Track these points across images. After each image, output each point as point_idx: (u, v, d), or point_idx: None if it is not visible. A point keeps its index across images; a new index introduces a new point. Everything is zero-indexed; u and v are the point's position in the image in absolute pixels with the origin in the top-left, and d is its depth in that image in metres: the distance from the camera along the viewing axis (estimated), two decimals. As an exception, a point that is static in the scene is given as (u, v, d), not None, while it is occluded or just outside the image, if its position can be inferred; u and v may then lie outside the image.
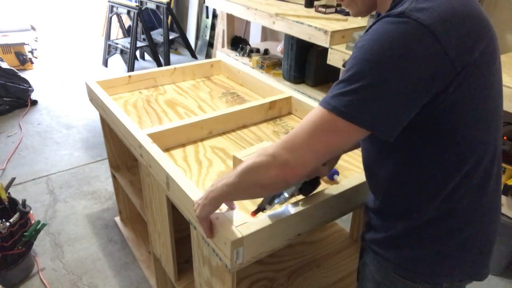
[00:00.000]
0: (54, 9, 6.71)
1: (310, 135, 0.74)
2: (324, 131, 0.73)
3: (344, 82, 0.71)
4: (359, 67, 0.69)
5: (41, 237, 2.14)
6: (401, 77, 0.67)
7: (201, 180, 1.27)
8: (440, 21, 0.67)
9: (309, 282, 1.42)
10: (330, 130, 0.72)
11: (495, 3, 2.14)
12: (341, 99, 0.70)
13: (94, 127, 3.36)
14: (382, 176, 0.87)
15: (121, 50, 4.58)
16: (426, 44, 0.66)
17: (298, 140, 0.75)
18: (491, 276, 2.02)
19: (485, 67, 0.74)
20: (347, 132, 0.72)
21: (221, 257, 0.98)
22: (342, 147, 0.76)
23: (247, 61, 3.31)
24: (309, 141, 0.74)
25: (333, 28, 2.25)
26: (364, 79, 0.68)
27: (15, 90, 3.58)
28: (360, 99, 0.69)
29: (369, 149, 0.90)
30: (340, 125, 0.71)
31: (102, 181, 2.68)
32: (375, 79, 0.68)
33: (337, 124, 0.71)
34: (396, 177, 0.84)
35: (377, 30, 0.70)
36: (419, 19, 0.66)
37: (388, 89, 0.68)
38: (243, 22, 4.33)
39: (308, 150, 0.74)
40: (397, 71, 0.67)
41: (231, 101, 1.85)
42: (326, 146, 0.74)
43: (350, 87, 0.69)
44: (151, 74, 1.95)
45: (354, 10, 0.88)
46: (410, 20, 0.67)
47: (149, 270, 1.94)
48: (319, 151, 0.74)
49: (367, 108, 0.69)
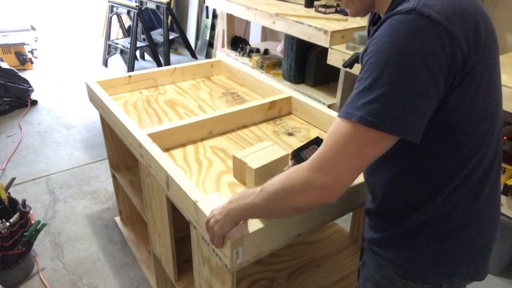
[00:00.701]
0: (54, 9, 6.70)
1: (343, 152, 0.71)
2: (357, 144, 0.70)
3: (366, 90, 0.69)
4: (378, 72, 0.67)
5: (41, 237, 2.14)
6: (421, 75, 0.66)
7: (201, 180, 1.27)
8: (452, 17, 0.67)
9: (309, 282, 1.42)
10: (364, 142, 0.70)
11: (495, 3, 2.14)
12: (367, 109, 0.67)
13: (94, 127, 3.36)
14: (382, 179, 0.86)
15: (121, 50, 4.58)
16: (441, 40, 0.66)
17: (332, 159, 0.71)
18: (491, 276, 2.01)
19: (491, 66, 0.74)
20: (380, 142, 0.70)
21: (221, 257, 0.98)
22: (377, 157, 0.73)
23: (247, 61, 3.31)
24: (343, 159, 0.71)
25: (333, 28, 2.25)
26: (385, 84, 0.67)
27: (15, 90, 3.58)
28: (386, 106, 0.67)
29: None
30: (373, 136, 0.68)
31: (102, 181, 2.68)
32: (396, 83, 0.66)
33: (369, 135, 0.68)
34: (396, 180, 0.84)
35: (389, 29, 0.68)
36: (432, 16, 0.66)
37: (411, 91, 0.66)
38: (243, 22, 4.33)
39: (344, 168, 0.71)
40: (416, 70, 0.66)
41: (231, 101, 1.85)
42: (362, 160, 0.72)
43: (373, 95, 0.67)
44: (151, 74, 1.95)
45: (351, 10, 0.87)
46: (422, 17, 0.66)
47: (149, 270, 1.94)
48: (356, 167, 0.72)
49: (395, 114, 0.67)
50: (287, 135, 1.55)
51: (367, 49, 0.73)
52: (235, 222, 0.89)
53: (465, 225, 0.83)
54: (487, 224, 0.86)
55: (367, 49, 0.72)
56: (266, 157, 1.23)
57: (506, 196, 1.78)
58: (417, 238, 0.84)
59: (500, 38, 2.16)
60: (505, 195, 1.78)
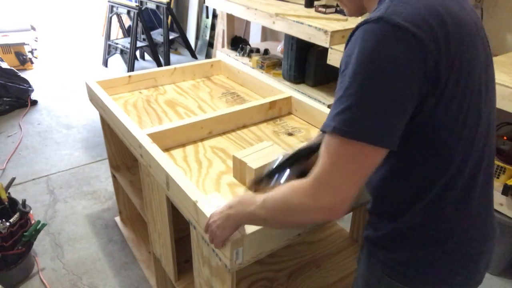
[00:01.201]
0: (54, 9, 6.70)
1: (340, 168, 0.70)
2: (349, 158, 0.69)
3: (340, 99, 0.69)
4: (350, 81, 0.68)
5: (41, 237, 2.14)
6: (391, 82, 0.66)
7: (201, 180, 1.27)
8: (419, 23, 0.66)
9: (309, 282, 1.42)
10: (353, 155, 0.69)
11: (495, 3, 2.14)
12: (340, 118, 0.68)
13: (94, 127, 3.36)
14: (374, 181, 0.87)
15: (121, 50, 4.58)
16: (409, 45, 0.66)
17: (335, 177, 0.70)
18: (491, 276, 2.01)
19: (468, 70, 0.72)
20: (365, 153, 0.69)
21: (221, 257, 0.98)
22: (374, 167, 0.72)
23: (247, 61, 3.31)
24: (343, 174, 0.70)
25: (333, 28, 2.25)
26: (356, 93, 0.67)
27: (15, 90, 3.58)
28: (358, 115, 0.67)
29: None
30: (356, 148, 0.68)
31: (102, 181, 2.68)
32: (366, 91, 0.67)
33: (353, 147, 0.68)
34: (385, 182, 0.85)
35: (358, 38, 0.69)
36: (399, 23, 0.65)
37: (382, 98, 0.67)
38: (243, 22, 4.33)
39: (349, 184, 0.70)
40: (386, 77, 0.66)
41: (231, 101, 1.85)
42: (362, 173, 0.71)
43: (344, 104, 0.68)
44: (151, 74, 1.95)
45: (346, 11, 0.90)
46: (389, 24, 0.66)
47: (149, 270, 1.94)
48: (358, 181, 0.71)
49: (367, 123, 0.67)
50: (287, 135, 1.55)
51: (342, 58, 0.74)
52: (235, 227, 0.90)
53: (451, 233, 0.82)
54: (476, 231, 0.84)
55: (342, 59, 0.74)
56: (266, 157, 1.23)
57: (506, 196, 1.78)
58: (405, 242, 0.84)
59: (500, 38, 2.16)
60: (505, 195, 1.78)
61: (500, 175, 1.86)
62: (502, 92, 1.65)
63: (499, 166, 1.85)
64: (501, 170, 1.85)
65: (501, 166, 1.84)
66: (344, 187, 0.70)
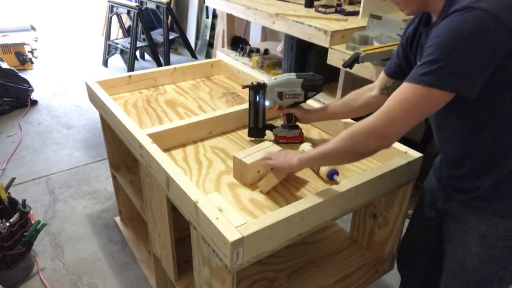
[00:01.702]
0: (54, 9, 6.71)
1: (407, 109, 0.92)
2: (419, 103, 0.90)
3: (428, 63, 0.87)
4: (439, 50, 0.86)
5: (41, 237, 2.14)
6: (475, 51, 0.83)
7: (201, 180, 1.27)
8: (501, 8, 0.82)
9: (309, 282, 1.42)
10: (425, 101, 0.89)
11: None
12: (430, 75, 0.87)
13: (94, 127, 3.36)
14: (460, 143, 1.03)
15: (121, 50, 4.58)
16: (493, 25, 0.82)
17: (397, 115, 0.93)
18: (491, 276, 2.01)
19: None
20: (438, 99, 0.89)
21: (221, 258, 0.98)
22: (431, 113, 0.94)
23: (247, 61, 3.31)
24: (406, 114, 0.92)
25: (333, 28, 2.25)
26: (444, 58, 0.85)
27: (15, 90, 3.58)
28: (446, 72, 0.86)
29: (445, 124, 1.06)
30: (433, 95, 0.88)
31: (102, 181, 2.68)
32: (453, 55, 0.84)
33: (430, 94, 0.88)
34: (476, 139, 1.00)
35: (449, 22, 0.86)
36: (483, 7, 0.82)
37: (465, 60, 0.84)
38: (243, 22, 4.33)
39: (405, 122, 0.93)
40: (471, 46, 0.83)
41: (231, 101, 1.85)
42: (421, 115, 0.92)
43: (436, 65, 0.86)
44: (151, 74, 1.95)
45: (408, 11, 1.01)
46: (475, 10, 0.82)
47: (149, 270, 1.94)
48: (414, 120, 0.93)
49: (453, 76, 0.86)
50: (287, 135, 1.55)
51: (426, 43, 0.91)
52: (300, 168, 1.17)
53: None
54: None
55: (428, 42, 0.90)
56: (266, 157, 1.23)
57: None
58: (504, 187, 1.00)
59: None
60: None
61: None
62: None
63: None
64: None
65: None
66: (403, 123, 0.93)
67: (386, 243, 1.49)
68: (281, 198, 1.19)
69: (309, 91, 1.41)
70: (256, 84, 1.42)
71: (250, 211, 1.13)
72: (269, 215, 0.99)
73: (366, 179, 1.15)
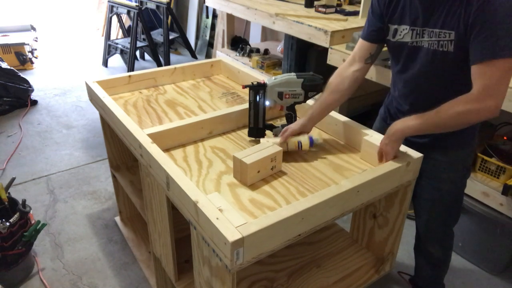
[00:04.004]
0: (54, 9, 6.71)
1: (504, 81, 1.08)
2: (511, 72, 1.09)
3: (500, 37, 1.05)
4: (504, 24, 1.05)
5: (41, 237, 2.14)
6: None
7: (201, 180, 1.27)
8: None
9: (309, 282, 1.42)
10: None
11: (495, 3, 2.14)
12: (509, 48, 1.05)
13: (94, 127, 3.36)
14: (447, 96, 1.18)
15: (121, 50, 4.58)
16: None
17: (501, 88, 1.09)
18: (491, 276, 2.01)
19: None
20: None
21: (221, 258, 0.98)
22: None
23: (247, 61, 3.31)
24: (503, 86, 1.09)
25: (333, 28, 2.25)
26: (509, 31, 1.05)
27: (15, 90, 3.58)
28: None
29: (434, 78, 1.28)
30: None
31: (102, 181, 2.68)
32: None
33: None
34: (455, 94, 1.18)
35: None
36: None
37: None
38: (243, 22, 4.33)
39: (503, 92, 1.10)
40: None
41: (231, 101, 1.85)
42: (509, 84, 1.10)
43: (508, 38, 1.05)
44: (151, 74, 1.95)
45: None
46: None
47: (149, 270, 1.94)
48: (507, 90, 1.11)
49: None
50: (287, 135, 1.55)
51: (474, 12, 1.09)
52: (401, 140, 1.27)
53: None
54: None
55: (477, 10, 1.08)
56: (266, 157, 1.23)
57: (506, 196, 1.78)
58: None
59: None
60: (505, 195, 1.78)
61: (500, 175, 1.86)
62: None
63: (499, 166, 1.85)
64: (501, 170, 1.85)
65: (501, 166, 1.84)
66: (502, 93, 1.10)
67: (386, 243, 1.49)
68: (281, 198, 1.19)
69: (309, 91, 1.41)
70: (256, 84, 1.42)
71: (250, 211, 1.13)
72: (269, 215, 0.99)
73: (366, 179, 1.15)
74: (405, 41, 1.31)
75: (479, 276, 2.02)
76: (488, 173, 1.90)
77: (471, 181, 1.91)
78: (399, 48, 1.34)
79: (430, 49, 1.24)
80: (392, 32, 1.34)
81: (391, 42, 1.36)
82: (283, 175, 1.30)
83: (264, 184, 1.26)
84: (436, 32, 1.21)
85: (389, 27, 1.35)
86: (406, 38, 1.30)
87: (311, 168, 1.35)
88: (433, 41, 1.23)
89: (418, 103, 1.35)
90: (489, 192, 1.84)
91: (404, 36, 1.30)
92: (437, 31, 1.21)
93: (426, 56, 1.26)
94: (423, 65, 1.28)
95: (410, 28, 1.28)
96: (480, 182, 1.88)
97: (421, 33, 1.26)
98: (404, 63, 1.35)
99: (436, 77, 1.28)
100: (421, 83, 1.33)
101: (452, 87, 1.24)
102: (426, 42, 1.25)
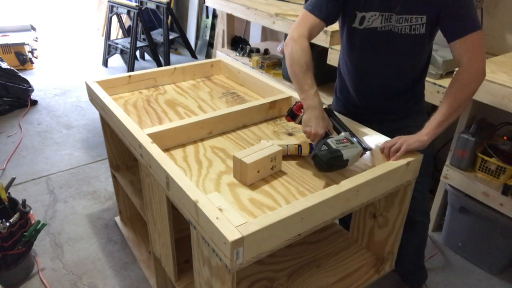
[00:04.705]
0: (54, 9, 6.71)
1: (484, 47, 1.30)
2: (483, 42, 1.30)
3: (470, 14, 1.25)
4: (467, 5, 1.27)
5: (41, 237, 2.14)
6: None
7: (201, 180, 1.27)
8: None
9: (309, 282, 1.42)
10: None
11: (495, 3, 2.14)
12: (478, 21, 1.27)
13: (94, 127, 3.36)
14: (415, 78, 1.45)
15: (121, 50, 4.58)
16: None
17: (483, 52, 1.29)
18: (491, 276, 2.01)
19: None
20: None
21: (221, 257, 0.98)
22: None
23: (247, 61, 3.31)
24: (484, 52, 1.30)
25: (333, 28, 2.25)
26: (472, 8, 1.27)
27: (15, 90, 3.58)
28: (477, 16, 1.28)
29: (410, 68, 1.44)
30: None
31: (102, 181, 2.68)
32: (472, 4, 1.29)
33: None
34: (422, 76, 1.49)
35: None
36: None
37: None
38: (243, 22, 4.33)
39: (485, 57, 1.30)
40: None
41: (231, 101, 1.85)
42: None
43: (473, 15, 1.26)
44: (151, 74, 1.95)
45: None
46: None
47: (149, 270, 1.94)
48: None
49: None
50: (287, 135, 1.55)
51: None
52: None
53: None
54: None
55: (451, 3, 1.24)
56: (266, 157, 1.23)
57: (506, 196, 1.78)
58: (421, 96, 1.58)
59: (500, 38, 2.16)
60: (505, 195, 1.78)
61: (500, 175, 1.86)
62: (502, 92, 1.65)
63: (499, 166, 1.85)
64: (501, 170, 1.85)
65: (501, 166, 1.84)
66: (485, 56, 1.30)
67: (386, 243, 1.49)
68: (281, 198, 1.19)
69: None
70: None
71: (250, 211, 1.13)
72: (269, 215, 0.99)
73: (366, 179, 1.15)
74: (374, 26, 1.34)
75: (479, 276, 2.02)
76: (488, 173, 1.90)
77: (471, 181, 1.91)
78: (367, 34, 1.37)
79: (402, 34, 1.32)
80: (359, 19, 1.35)
81: (358, 30, 1.37)
82: (283, 175, 1.30)
83: (264, 184, 1.26)
84: (407, 18, 1.29)
85: (356, 14, 1.35)
86: (375, 24, 1.34)
87: (311, 168, 1.35)
88: (405, 26, 1.31)
89: (386, 84, 1.48)
90: (489, 192, 1.84)
91: (373, 22, 1.34)
92: (408, 17, 1.29)
93: (399, 39, 1.34)
94: (396, 48, 1.37)
95: (380, 14, 1.31)
96: (480, 182, 1.88)
97: (390, 18, 1.31)
98: (374, 48, 1.39)
99: (407, 57, 1.40)
100: (392, 64, 1.42)
101: (420, 63, 1.43)
102: (397, 27, 1.32)
